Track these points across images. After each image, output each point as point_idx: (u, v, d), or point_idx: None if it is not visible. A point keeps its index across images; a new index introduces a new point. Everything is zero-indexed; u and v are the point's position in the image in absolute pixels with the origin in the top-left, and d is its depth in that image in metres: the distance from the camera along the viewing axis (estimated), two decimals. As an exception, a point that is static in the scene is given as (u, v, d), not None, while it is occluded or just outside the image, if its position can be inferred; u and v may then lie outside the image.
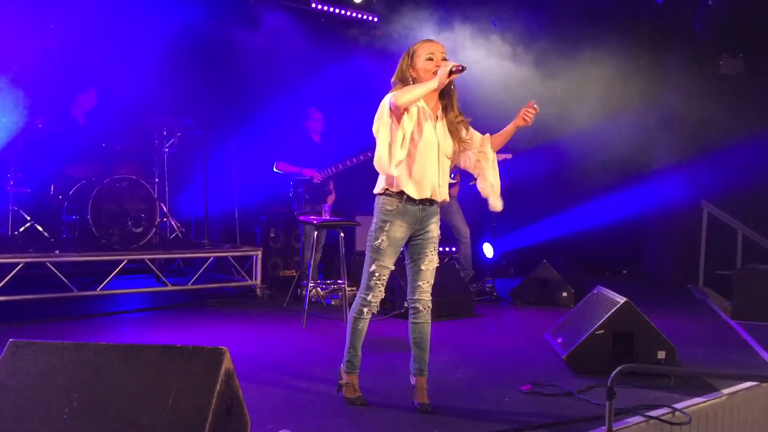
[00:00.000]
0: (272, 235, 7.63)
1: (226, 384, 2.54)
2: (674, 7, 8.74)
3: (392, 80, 3.57)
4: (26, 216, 6.67)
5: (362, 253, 7.93)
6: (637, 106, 8.76)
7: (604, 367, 3.82)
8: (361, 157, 6.95)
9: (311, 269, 6.12)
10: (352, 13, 8.87)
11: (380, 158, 3.38)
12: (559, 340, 4.87)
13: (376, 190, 3.56)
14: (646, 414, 3.44)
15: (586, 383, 4.01)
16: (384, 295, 3.67)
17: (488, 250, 8.61)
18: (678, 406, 3.59)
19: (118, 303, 6.59)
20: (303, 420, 3.32)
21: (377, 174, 3.54)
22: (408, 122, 3.38)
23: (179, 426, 2.36)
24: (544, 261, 7.12)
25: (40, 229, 6.69)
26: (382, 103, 3.45)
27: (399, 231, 3.51)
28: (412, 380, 3.63)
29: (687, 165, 8.54)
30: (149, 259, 6.65)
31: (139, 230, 6.56)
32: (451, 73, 3.40)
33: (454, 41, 7.99)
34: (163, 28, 7.31)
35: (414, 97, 3.34)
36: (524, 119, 3.68)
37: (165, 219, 7.37)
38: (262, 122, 8.07)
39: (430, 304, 3.67)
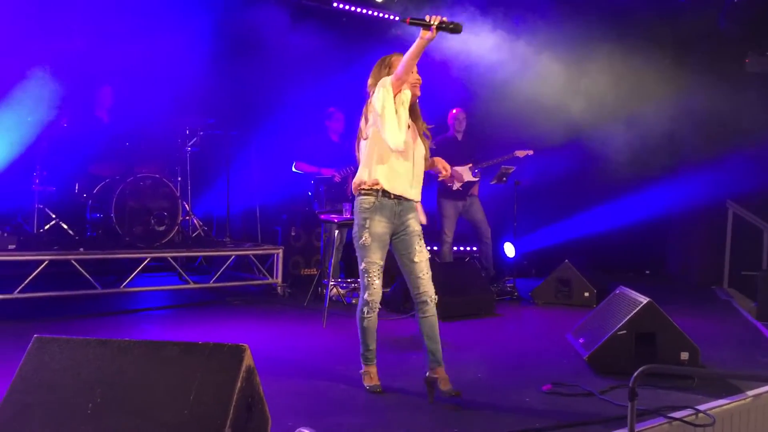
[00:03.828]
0: (293, 233, 7.66)
1: (247, 381, 2.55)
2: (699, 5, 8.64)
3: (369, 84, 3.75)
4: (51, 214, 6.76)
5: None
6: (661, 104, 8.66)
7: (626, 367, 3.79)
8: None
9: (332, 268, 6.13)
10: (373, 12, 8.88)
11: (394, 133, 3.53)
12: (580, 341, 4.84)
13: (355, 193, 3.76)
14: (669, 415, 3.40)
15: (608, 384, 3.98)
16: (382, 290, 3.82)
17: (509, 249, 8.57)
18: (701, 407, 3.54)
19: (141, 300, 6.66)
20: (323, 417, 3.33)
21: None
22: (403, 111, 3.59)
23: (201, 422, 2.38)
24: (566, 261, 7.07)
25: (64, 227, 6.77)
26: (378, 89, 3.58)
27: (379, 226, 3.68)
28: (431, 374, 3.66)
29: (712, 164, 8.43)
30: (172, 257, 6.71)
31: (162, 228, 6.61)
32: (441, 27, 3.37)
33: (476, 40, 7.96)
34: (185, 27, 7.36)
35: (408, 60, 3.49)
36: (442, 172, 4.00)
37: (187, 217, 7.43)
38: (282, 121, 8.11)
39: (436, 296, 3.79)
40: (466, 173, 7.43)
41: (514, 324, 6.25)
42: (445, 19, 3.37)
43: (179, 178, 7.39)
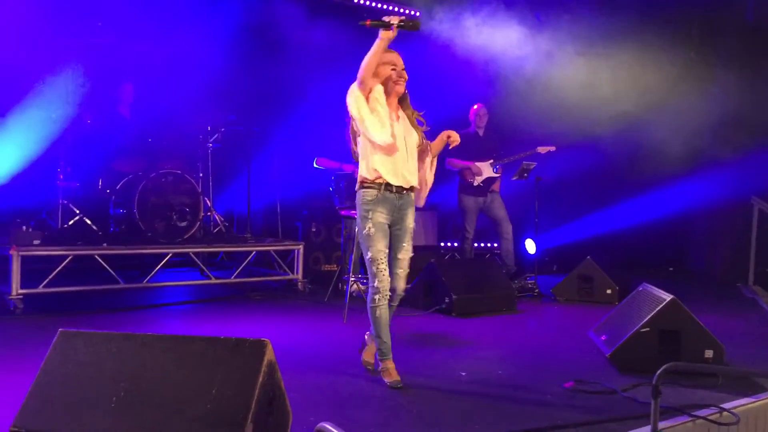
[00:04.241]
0: (314, 229, 7.68)
1: (269, 375, 2.56)
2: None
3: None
4: (75, 209, 6.84)
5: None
6: (685, 99, 8.56)
7: (649, 365, 3.74)
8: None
9: (352, 264, 6.14)
10: (394, 7, 8.86)
11: (378, 132, 3.69)
12: (602, 338, 4.80)
13: (357, 187, 3.88)
14: (693, 414, 3.36)
15: (631, 381, 3.94)
16: (390, 279, 3.88)
17: (530, 246, 8.52)
18: (726, 405, 3.49)
19: (163, 295, 6.72)
20: (343, 412, 3.33)
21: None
22: (380, 107, 3.73)
23: (223, 416, 2.39)
24: (588, 257, 7.02)
25: (88, 222, 6.84)
26: (349, 97, 3.71)
27: (381, 216, 3.81)
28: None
29: (737, 160, 8.32)
30: (193, 253, 6.76)
31: (183, 224, 6.66)
32: (400, 26, 3.60)
33: (498, 35, 7.92)
34: (206, 25, 7.40)
35: (369, 61, 3.64)
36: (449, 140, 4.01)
37: (209, 213, 7.47)
38: (304, 117, 8.12)
39: (403, 293, 3.97)
40: (486, 169, 7.40)
41: (535, 321, 6.22)
42: (403, 18, 3.61)
43: (201, 174, 7.44)
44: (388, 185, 3.77)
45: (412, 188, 3.89)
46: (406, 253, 3.91)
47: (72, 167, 6.82)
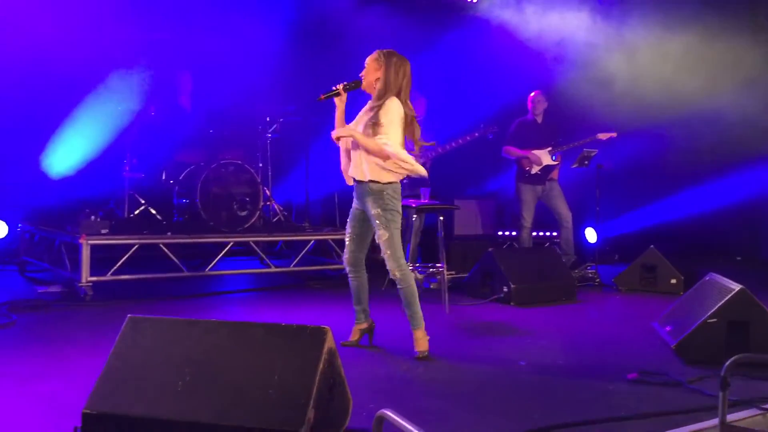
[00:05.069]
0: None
1: (329, 363, 2.59)
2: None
3: (380, 77, 4.38)
4: (141, 200, 7.04)
5: (461, 237, 7.89)
6: (754, 82, 8.24)
7: (716, 357, 3.64)
8: (460, 141, 6.90)
9: (410, 252, 6.14)
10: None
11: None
12: (667, 329, 4.68)
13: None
14: (763, 406, 3.25)
15: (697, 374, 3.84)
16: (351, 254, 4.48)
17: (591, 235, 8.37)
18: (799, 400, 3.37)
19: (225, 283, 6.86)
20: (403, 400, 3.34)
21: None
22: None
23: (285, 402, 2.43)
24: (651, 246, 6.84)
25: (153, 212, 7.03)
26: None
27: (354, 204, 4.47)
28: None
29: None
30: (253, 242, 6.87)
31: (244, 213, 6.77)
32: (347, 89, 4.46)
33: (557, 19, 7.77)
34: (265, 15, 7.49)
35: (360, 139, 4.35)
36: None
37: (268, 203, 7.58)
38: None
39: (398, 273, 4.23)
40: (545, 157, 7.28)
41: (596, 311, 6.11)
42: (345, 83, 4.45)
43: (260, 165, 7.54)
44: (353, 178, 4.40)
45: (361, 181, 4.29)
46: (380, 238, 4.25)
47: (138, 158, 7.01)
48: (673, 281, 6.64)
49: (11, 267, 7.25)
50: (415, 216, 6.29)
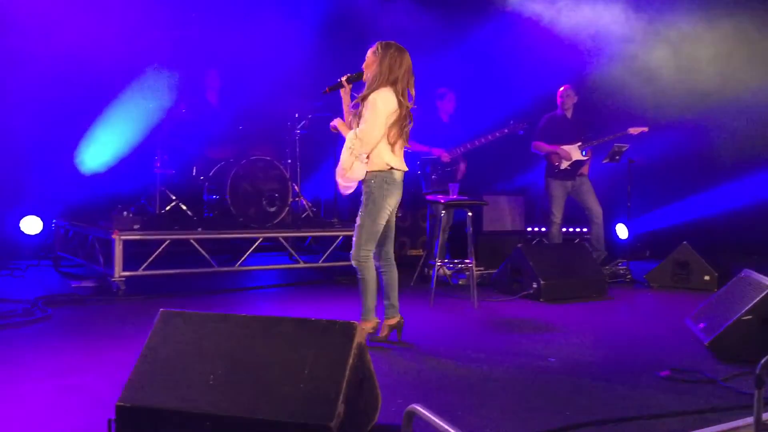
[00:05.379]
0: (399, 214, 7.68)
1: (359, 358, 2.60)
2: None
3: (375, 69, 4.46)
4: (172, 196, 7.13)
5: (490, 233, 7.85)
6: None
7: (751, 354, 3.56)
8: (489, 137, 6.86)
9: (438, 248, 6.13)
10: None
11: None
12: (700, 326, 4.60)
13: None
14: (801, 406, 3.19)
15: (731, 371, 3.77)
16: (377, 249, 4.59)
17: (622, 230, 8.27)
18: (837, 399, 3.29)
19: (254, 278, 6.92)
20: (432, 396, 3.34)
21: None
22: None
23: (316, 396, 2.45)
24: (684, 242, 6.74)
25: (184, 208, 7.12)
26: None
27: None
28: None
29: None
30: (283, 237, 6.91)
31: (273, 209, 6.81)
32: (350, 80, 4.53)
33: (590, 10, 7.68)
34: (293, 12, 7.52)
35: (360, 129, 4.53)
36: None
37: (297, 199, 7.62)
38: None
39: (353, 262, 4.41)
40: (574, 152, 7.21)
41: (627, 307, 6.04)
42: (348, 75, 4.53)
43: (289, 161, 7.58)
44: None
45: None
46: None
47: (168, 155, 7.09)
48: (707, 278, 6.54)
49: (46, 262, 7.40)
50: (443, 212, 6.27)
